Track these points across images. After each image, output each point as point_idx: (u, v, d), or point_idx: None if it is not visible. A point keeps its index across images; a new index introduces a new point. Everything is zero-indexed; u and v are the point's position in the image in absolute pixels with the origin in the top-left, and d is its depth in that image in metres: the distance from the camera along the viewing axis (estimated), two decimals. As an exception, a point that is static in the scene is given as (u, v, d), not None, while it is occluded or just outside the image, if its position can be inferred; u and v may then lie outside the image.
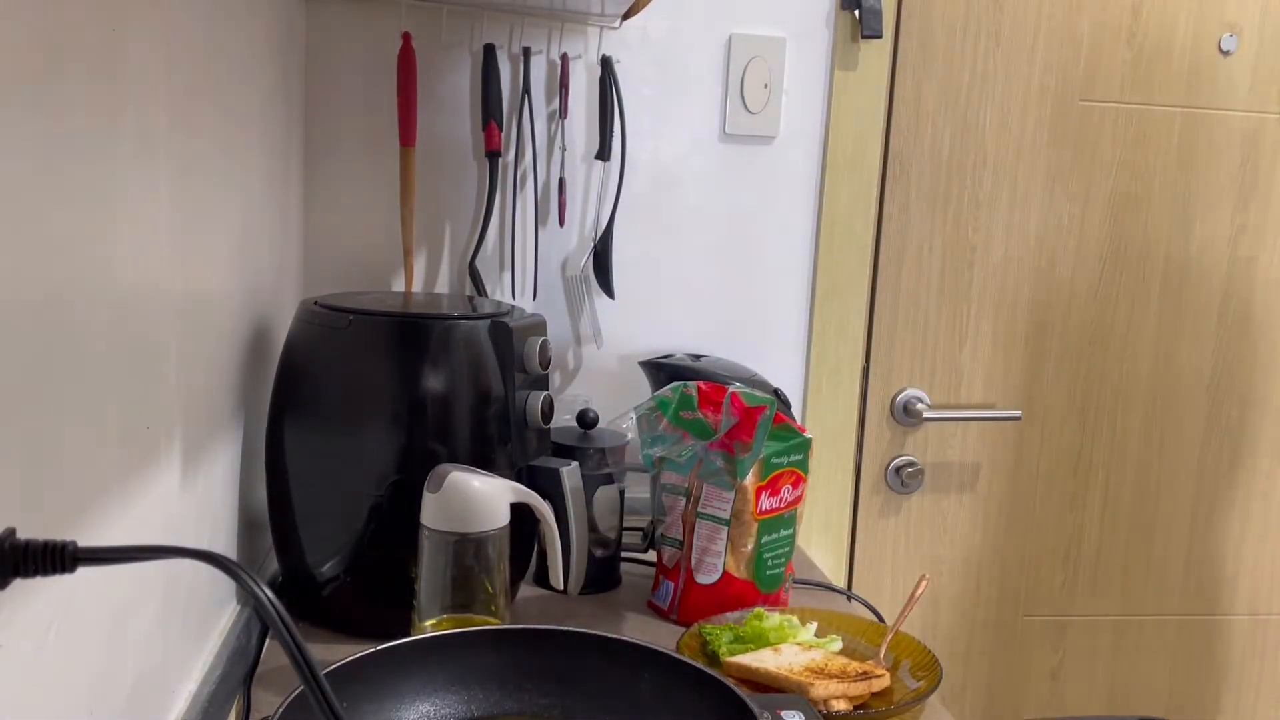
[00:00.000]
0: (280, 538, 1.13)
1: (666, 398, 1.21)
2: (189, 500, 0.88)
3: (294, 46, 1.39)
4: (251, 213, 1.11)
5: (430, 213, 1.51)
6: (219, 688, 0.91)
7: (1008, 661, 1.84)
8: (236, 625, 1.04)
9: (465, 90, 1.50)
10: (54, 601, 0.58)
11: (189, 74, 0.83)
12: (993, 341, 1.74)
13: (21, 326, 0.53)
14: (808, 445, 1.21)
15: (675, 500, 1.20)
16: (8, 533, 0.49)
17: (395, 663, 0.80)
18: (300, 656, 0.52)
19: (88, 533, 0.63)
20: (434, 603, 0.96)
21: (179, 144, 0.81)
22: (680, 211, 1.59)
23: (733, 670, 1.01)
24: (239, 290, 1.06)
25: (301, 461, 1.09)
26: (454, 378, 1.07)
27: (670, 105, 1.56)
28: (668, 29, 1.54)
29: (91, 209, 0.63)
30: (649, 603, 1.23)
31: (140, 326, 0.73)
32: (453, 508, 0.95)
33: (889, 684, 1.02)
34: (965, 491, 1.78)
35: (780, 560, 1.20)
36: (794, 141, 1.60)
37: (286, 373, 1.11)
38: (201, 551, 0.51)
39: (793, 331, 1.66)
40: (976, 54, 1.67)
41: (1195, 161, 1.74)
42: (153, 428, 0.77)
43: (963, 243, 1.71)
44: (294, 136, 1.39)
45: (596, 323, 1.58)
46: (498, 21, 1.49)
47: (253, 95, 1.11)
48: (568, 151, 1.54)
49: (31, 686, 0.57)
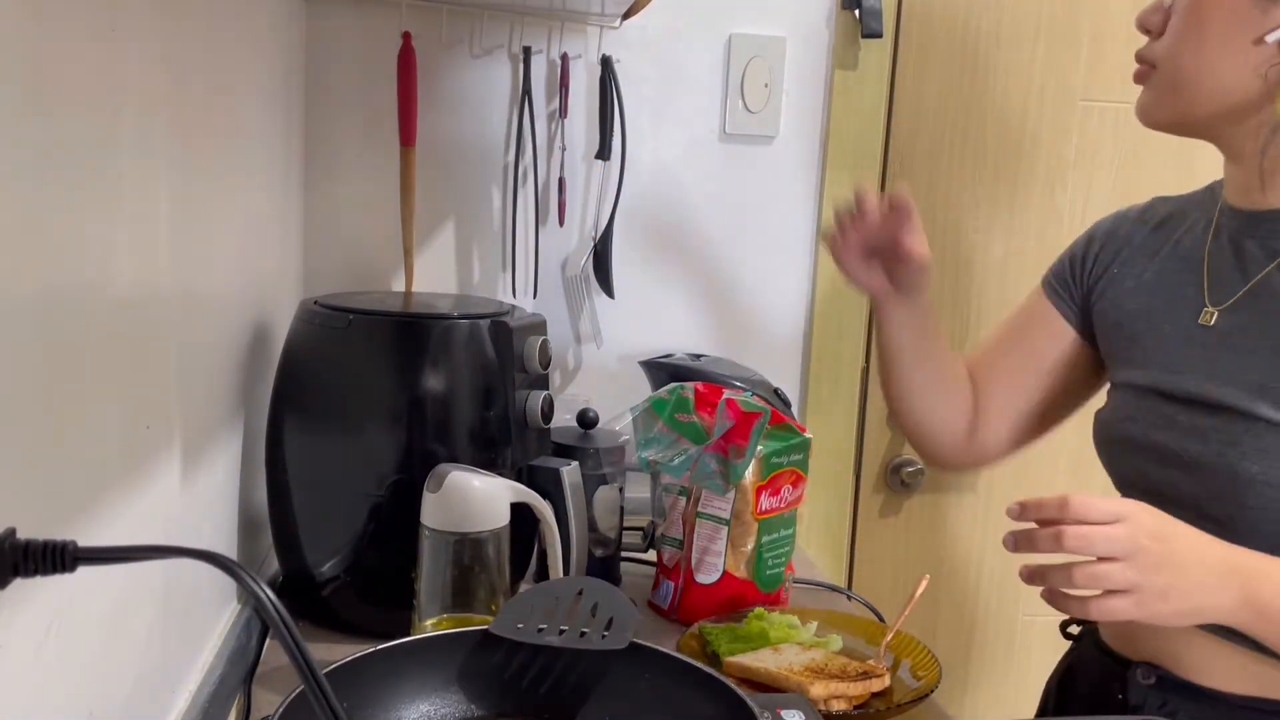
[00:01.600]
0: (280, 538, 1.13)
1: (662, 399, 1.21)
2: (189, 500, 0.88)
3: (294, 46, 1.39)
4: (251, 213, 1.11)
5: (430, 213, 1.51)
6: (219, 688, 0.91)
7: (1008, 661, 1.84)
8: (236, 625, 1.04)
9: (465, 90, 1.50)
10: (54, 601, 0.58)
11: (189, 74, 0.83)
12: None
13: (21, 326, 0.53)
14: (808, 445, 1.21)
15: (675, 500, 1.20)
16: (8, 533, 0.49)
17: (395, 663, 0.80)
18: (300, 656, 0.52)
19: (88, 533, 0.63)
20: (434, 603, 0.96)
21: (179, 144, 0.81)
22: (680, 211, 1.59)
23: (733, 670, 1.01)
24: (239, 290, 1.06)
25: (301, 461, 1.09)
26: (454, 378, 1.07)
27: (670, 105, 1.56)
28: (668, 29, 1.54)
29: (91, 209, 0.63)
30: (649, 602, 1.23)
31: (140, 326, 0.73)
32: (453, 507, 0.95)
33: (889, 684, 1.02)
34: (965, 491, 1.78)
35: (780, 560, 1.20)
36: (794, 141, 1.60)
37: (286, 373, 1.11)
38: (201, 551, 0.51)
39: (792, 331, 1.66)
40: (976, 54, 1.66)
41: (1195, 161, 1.74)
42: (153, 428, 0.77)
43: (963, 243, 1.71)
44: (294, 136, 1.39)
45: (596, 322, 1.58)
46: (498, 21, 1.49)
47: (253, 95, 1.11)
48: (568, 151, 1.54)
49: (31, 686, 0.57)
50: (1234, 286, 0.97)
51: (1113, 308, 1.09)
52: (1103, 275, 1.11)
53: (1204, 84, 0.92)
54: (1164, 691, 1.00)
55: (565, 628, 0.81)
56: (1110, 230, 1.13)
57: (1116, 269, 1.10)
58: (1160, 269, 1.05)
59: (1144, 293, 1.06)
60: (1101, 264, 1.12)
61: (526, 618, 0.82)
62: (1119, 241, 1.11)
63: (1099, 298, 1.11)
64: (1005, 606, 1.82)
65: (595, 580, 0.87)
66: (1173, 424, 0.98)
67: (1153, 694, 1.00)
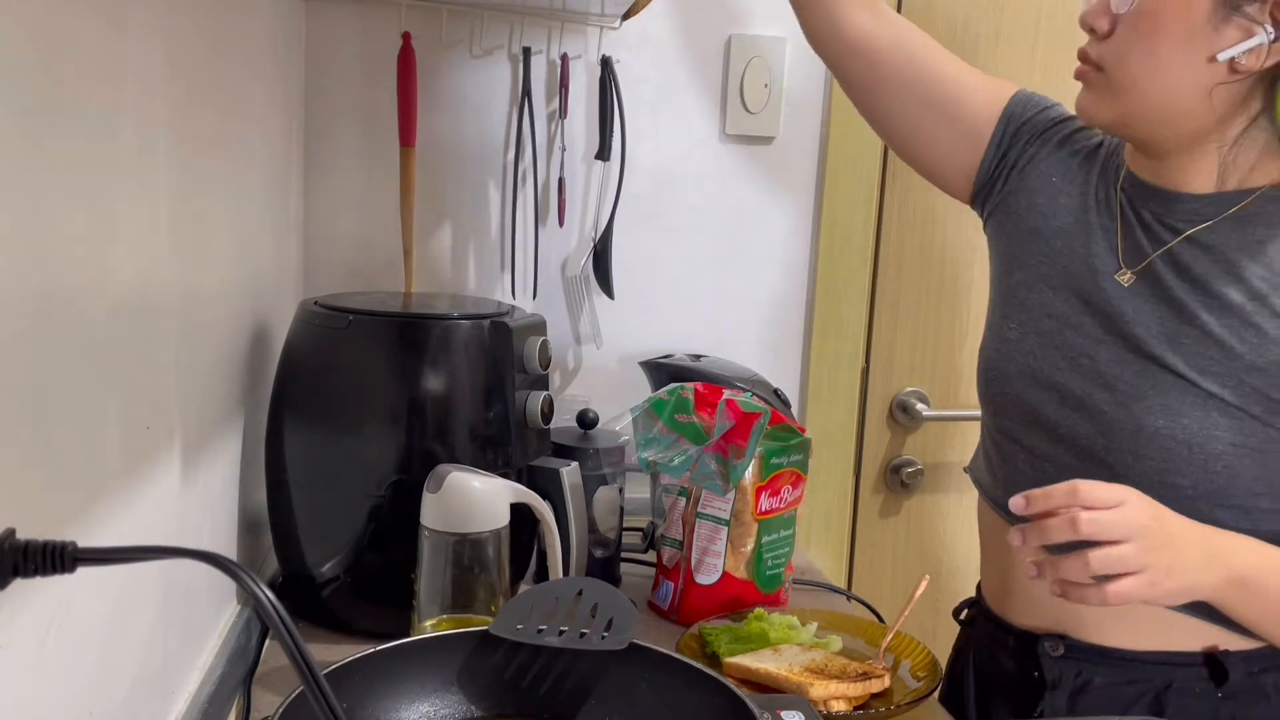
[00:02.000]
0: (280, 538, 1.13)
1: (662, 400, 1.21)
2: (189, 500, 0.88)
3: (294, 46, 1.39)
4: (251, 213, 1.11)
5: (430, 213, 1.51)
6: (219, 688, 0.91)
7: (1008, 662, 1.84)
8: (236, 625, 1.04)
9: (465, 90, 1.50)
10: (54, 601, 0.58)
11: (189, 74, 0.84)
12: (993, 342, 1.74)
13: (22, 326, 0.53)
14: (808, 445, 1.21)
15: (675, 500, 1.20)
16: (8, 533, 0.49)
17: (395, 663, 0.80)
18: (300, 656, 0.52)
19: (88, 533, 0.63)
20: (434, 603, 0.96)
21: (179, 144, 0.81)
22: (680, 211, 1.59)
23: (733, 670, 1.01)
24: (239, 290, 1.06)
25: (301, 461, 1.09)
26: (454, 378, 1.07)
27: (670, 105, 1.56)
28: (668, 29, 1.54)
29: (91, 209, 0.63)
30: (649, 603, 1.23)
31: (140, 326, 0.73)
32: (453, 508, 0.95)
33: (889, 684, 1.02)
34: (965, 491, 1.78)
35: (780, 560, 1.20)
36: (794, 141, 1.60)
37: (286, 373, 1.11)
38: (201, 552, 0.51)
39: (792, 331, 1.65)
40: (976, 54, 1.66)
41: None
42: (153, 428, 0.77)
43: (963, 242, 1.71)
44: (294, 136, 1.39)
45: (596, 323, 1.58)
46: (498, 21, 1.49)
47: (253, 95, 1.11)
48: (567, 151, 1.54)
49: (31, 686, 0.57)
50: (1142, 254, 0.98)
51: (1032, 210, 1.06)
52: (1023, 161, 1.08)
53: (1149, 93, 0.92)
54: (1075, 660, 1.02)
55: (565, 628, 0.81)
56: (1025, 117, 1.10)
57: (1034, 166, 1.07)
58: (1081, 201, 1.04)
59: (1065, 215, 1.04)
60: (1020, 146, 1.09)
61: (526, 618, 0.82)
62: (1034, 132, 1.09)
63: (1017, 183, 1.08)
64: (1005, 607, 1.82)
65: (595, 581, 0.88)
66: (1077, 365, 0.99)
67: (1065, 665, 1.02)
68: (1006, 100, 1.10)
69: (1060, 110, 1.12)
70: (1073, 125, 1.10)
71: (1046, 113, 1.10)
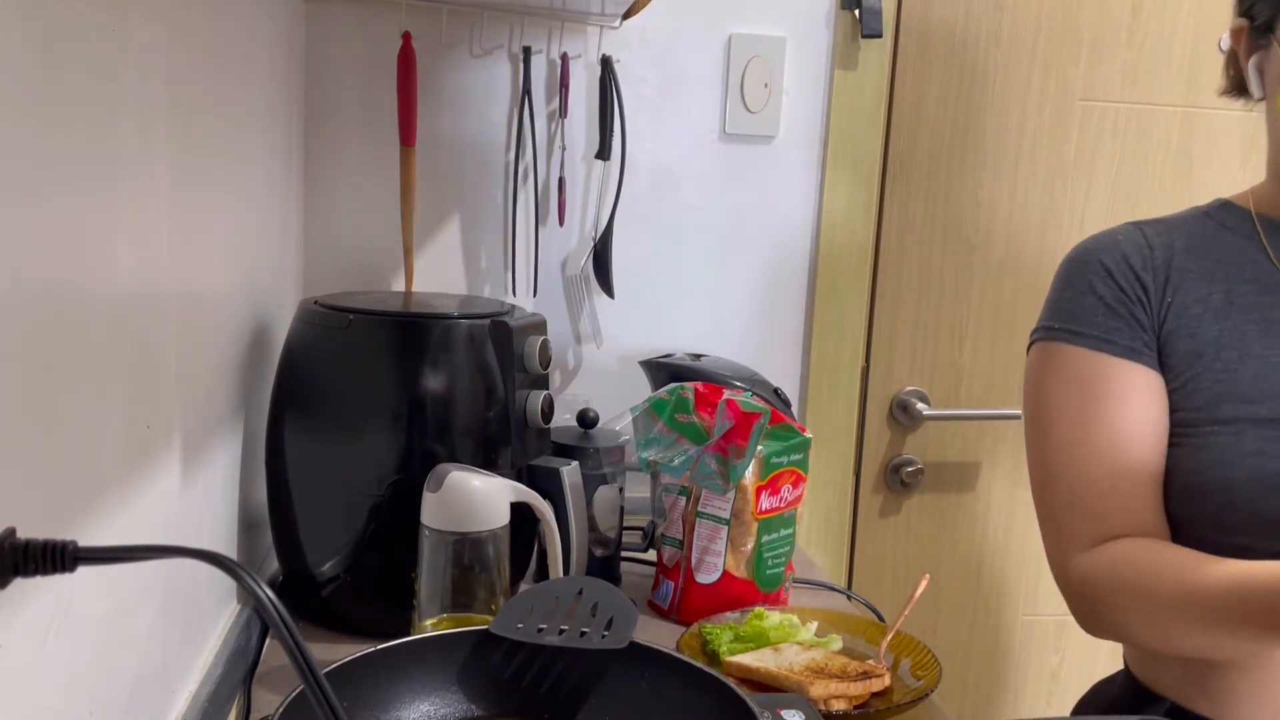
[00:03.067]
0: (280, 538, 1.13)
1: (662, 400, 1.21)
2: (189, 500, 0.88)
3: (294, 46, 1.39)
4: (251, 213, 1.11)
5: (430, 212, 1.51)
6: (219, 688, 0.91)
7: (1008, 661, 1.84)
8: (236, 625, 1.04)
9: (465, 90, 1.50)
10: (54, 601, 0.58)
11: (189, 74, 0.83)
12: (993, 341, 1.74)
13: (21, 326, 0.53)
14: (808, 445, 1.21)
15: (675, 500, 1.20)
16: (8, 533, 0.49)
17: (395, 663, 0.80)
18: (300, 656, 0.52)
19: (88, 533, 0.63)
20: (434, 603, 0.96)
21: (179, 144, 0.81)
22: (680, 211, 1.59)
23: (733, 670, 1.01)
24: (239, 290, 1.06)
25: (301, 461, 1.09)
26: (454, 378, 1.07)
27: (670, 105, 1.56)
28: (668, 29, 1.54)
29: (91, 209, 0.62)
30: (649, 602, 1.23)
31: (140, 326, 0.73)
32: (453, 507, 0.95)
33: (889, 684, 1.02)
34: (965, 491, 1.78)
35: (780, 560, 1.20)
36: (794, 141, 1.60)
37: (286, 373, 1.11)
38: (201, 551, 0.51)
39: (792, 331, 1.65)
40: (976, 54, 1.67)
41: (1195, 161, 1.74)
42: (153, 428, 0.77)
43: (963, 243, 1.71)
44: (294, 136, 1.39)
45: (596, 322, 1.58)
46: (498, 21, 1.49)
47: (253, 95, 1.11)
48: (567, 151, 1.54)
49: (31, 686, 0.57)
50: None
51: (1186, 336, 1.00)
52: (1164, 304, 1.02)
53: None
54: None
55: (565, 627, 0.81)
56: (1131, 257, 1.04)
57: (1172, 296, 1.01)
58: (1228, 292, 1.00)
59: (1216, 319, 0.99)
60: (1156, 291, 1.02)
61: (526, 617, 0.82)
62: (1155, 264, 1.03)
63: (1167, 329, 1.01)
64: (1005, 606, 1.82)
65: (595, 580, 0.87)
66: None
67: None
68: (1134, 363, 1.01)
69: (1111, 262, 1.04)
70: (1134, 243, 1.05)
71: (1128, 281, 1.03)
